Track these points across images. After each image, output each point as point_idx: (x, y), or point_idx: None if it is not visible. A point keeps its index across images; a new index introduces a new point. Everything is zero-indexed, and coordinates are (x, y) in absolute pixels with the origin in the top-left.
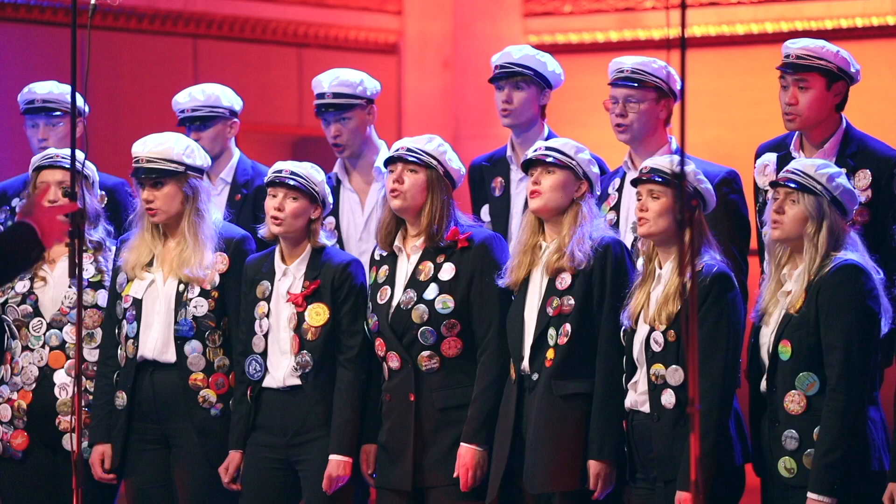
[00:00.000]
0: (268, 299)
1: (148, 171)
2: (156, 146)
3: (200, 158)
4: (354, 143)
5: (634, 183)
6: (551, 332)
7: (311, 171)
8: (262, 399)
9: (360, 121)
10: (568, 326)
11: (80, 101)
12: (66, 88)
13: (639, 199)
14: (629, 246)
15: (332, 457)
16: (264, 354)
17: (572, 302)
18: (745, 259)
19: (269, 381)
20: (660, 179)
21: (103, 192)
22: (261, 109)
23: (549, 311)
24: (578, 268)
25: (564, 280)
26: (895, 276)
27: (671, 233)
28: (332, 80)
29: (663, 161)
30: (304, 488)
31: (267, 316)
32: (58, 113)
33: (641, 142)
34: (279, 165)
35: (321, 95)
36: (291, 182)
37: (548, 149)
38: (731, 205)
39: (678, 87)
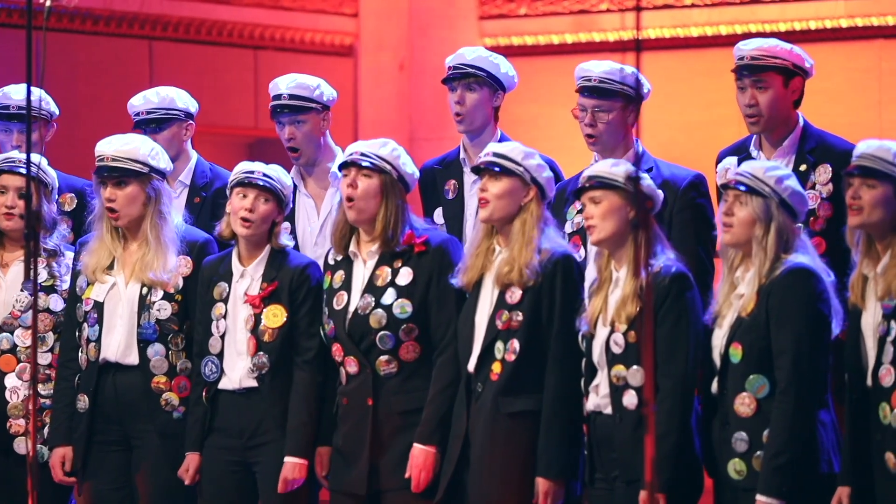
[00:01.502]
0: (225, 300)
1: (112, 170)
2: (122, 145)
3: (164, 162)
4: (309, 149)
5: (576, 194)
6: (499, 345)
7: (281, 174)
8: (218, 400)
9: (314, 125)
10: (516, 343)
11: (52, 104)
12: (43, 94)
13: (583, 208)
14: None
15: (288, 459)
16: (220, 356)
17: (521, 318)
18: (711, 262)
19: (226, 383)
20: (609, 185)
21: (72, 195)
22: (217, 111)
23: (499, 323)
24: (527, 284)
25: (514, 294)
26: (846, 278)
27: (621, 233)
28: (289, 82)
29: (601, 167)
30: (261, 490)
31: (224, 317)
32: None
33: (613, 150)
34: (249, 166)
35: (277, 97)
36: (263, 183)
37: (495, 155)
38: (698, 208)
39: (645, 90)
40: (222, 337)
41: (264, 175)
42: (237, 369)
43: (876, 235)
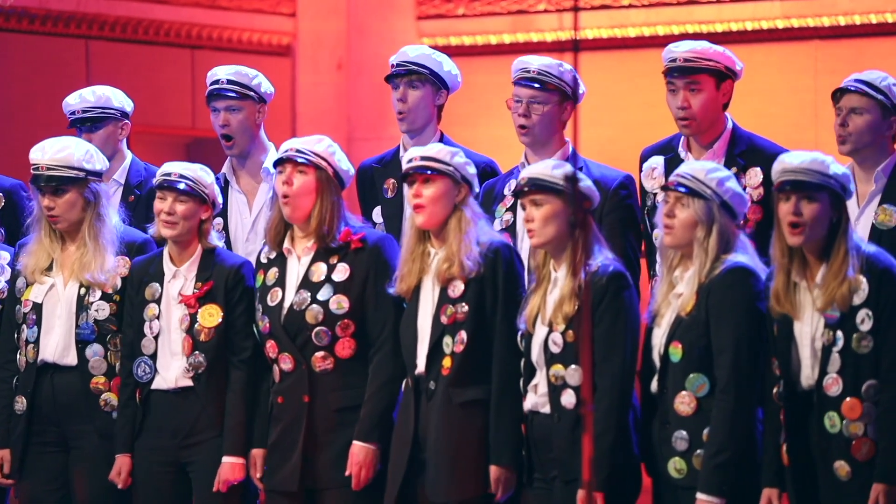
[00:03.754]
0: (157, 301)
1: (48, 179)
2: (56, 153)
3: (100, 162)
4: (242, 139)
5: (516, 195)
6: (447, 340)
7: (200, 174)
8: (150, 401)
9: (249, 115)
10: (463, 334)
11: None
12: None
13: (523, 209)
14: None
15: (226, 458)
16: (154, 356)
17: (466, 309)
18: (639, 263)
19: (159, 383)
20: (547, 188)
21: (0, 195)
22: (154, 111)
23: (444, 319)
24: (469, 276)
25: (457, 287)
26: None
27: (562, 237)
28: (228, 70)
29: (541, 169)
30: (195, 490)
31: (157, 318)
32: None
33: (544, 144)
34: (168, 168)
35: (215, 82)
36: (181, 185)
37: (423, 158)
38: (627, 209)
39: (581, 90)
40: (156, 337)
41: (180, 176)
42: (172, 369)
43: (812, 249)
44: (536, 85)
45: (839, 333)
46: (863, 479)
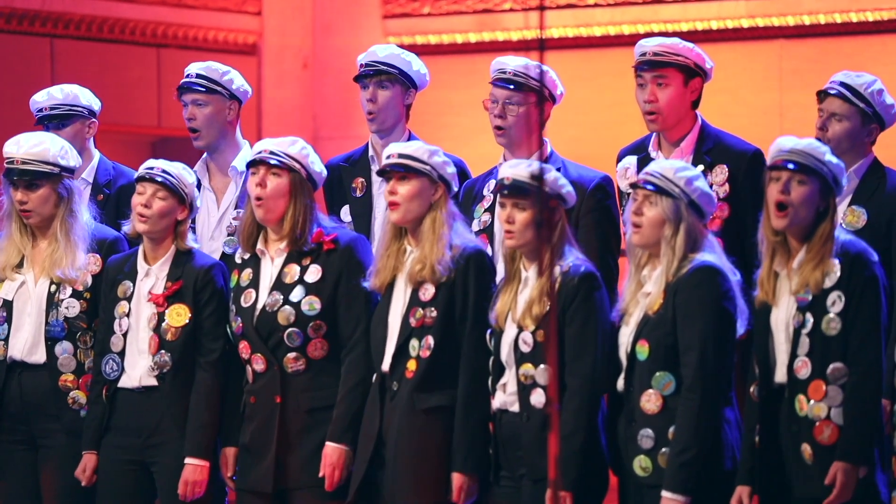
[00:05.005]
0: (129, 299)
1: (22, 173)
2: (31, 147)
3: (74, 159)
4: (209, 133)
5: (497, 193)
6: (413, 342)
7: (182, 172)
8: (117, 399)
9: (217, 110)
10: (430, 339)
11: None
12: None
13: (503, 208)
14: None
15: (188, 460)
16: (122, 354)
17: (435, 314)
18: (617, 266)
19: (126, 381)
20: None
21: None
22: (119, 109)
23: (412, 321)
24: (440, 281)
25: (427, 291)
26: (754, 276)
27: (537, 241)
28: (201, 65)
29: (524, 171)
30: (159, 489)
31: (127, 315)
32: None
33: (520, 145)
34: (151, 163)
35: (187, 76)
36: (160, 179)
37: (400, 156)
38: (605, 210)
39: (558, 91)
40: (125, 335)
41: (163, 171)
42: (138, 367)
43: (795, 233)
44: (512, 86)
45: (808, 316)
46: (824, 462)
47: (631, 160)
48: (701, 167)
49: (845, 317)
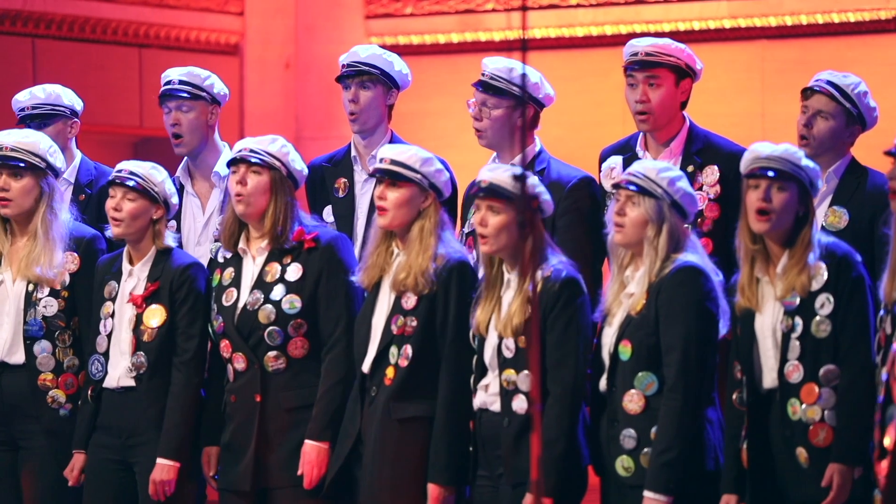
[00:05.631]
0: (113, 299)
1: (9, 159)
2: (22, 137)
3: (60, 162)
4: (193, 138)
5: (472, 196)
6: (393, 350)
7: (150, 172)
8: (102, 399)
9: (200, 114)
10: (409, 349)
11: None
12: None
13: (477, 210)
14: None
15: (159, 461)
16: (106, 354)
17: (415, 323)
18: (595, 268)
19: (108, 382)
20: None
21: None
22: (101, 110)
23: (394, 328)
24: (422, 293)
25: (410, 299)
26: (732, 281)
27: (515, 244)
28: (181, 70)
29: (503, 176)
30: (140, 490)
31: (111, 316)
32: None
33: (502, 147)
34: (120, 165)
35: (168, 83)
36: (129, 182)
37: (392, 162)
38: (580, 211)
39: (542, 94)
40: (109, 336)
41: (130, 173)
42: (118, 368)
43: (776, 239)
44: (487, 89)
45: (798, 319)
46: (821, 465)
47: (616, 160)
48: (691, 167)
49: (835, 318)
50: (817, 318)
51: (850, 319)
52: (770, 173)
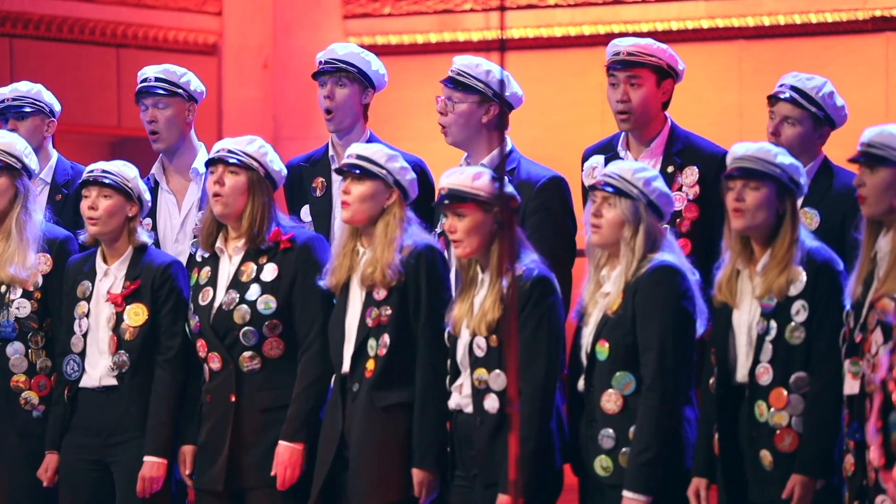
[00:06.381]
0: (88, 299)
1: None
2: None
3: (34, 164)
4: (170, 135)
5: (437, 205)
6: (371, 342)
7: (122, 168)
8: (78, 399)
9: (177, 111)
10: (386, 337)
11: None
12: None
13: (445, 218)
14: None
15: (147, 458)
16: (83, 354)
17: (389, 312)
18: (565, 268)
19: (86, 381)
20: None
21: None
22: (79, 110)
23: (369, 321)
24: (391, 284)
25: (381, 292)
26: (712, 277)
27: (487, 245)
28: (157, 68)
29: (462, 179)
30: (118, 489)
31: (86, 315)
32: None
33: (469, 146)
34: (92, 166)
35: (145, 80)
36: (105, 180)
37: (358, 157)
38: (549, 211)
39: (508, 93)
40: (84, 335)
41: (103, 171)
42: (98, 367)
43: (757, 237)
44: (452, 85)
45: (773, 323)
46: (784, 470)
47: (598, 159)
48: (671, 167)
49: (809, 326)
50: (792, 324)
51: (824, 329)
52: (742, 172)
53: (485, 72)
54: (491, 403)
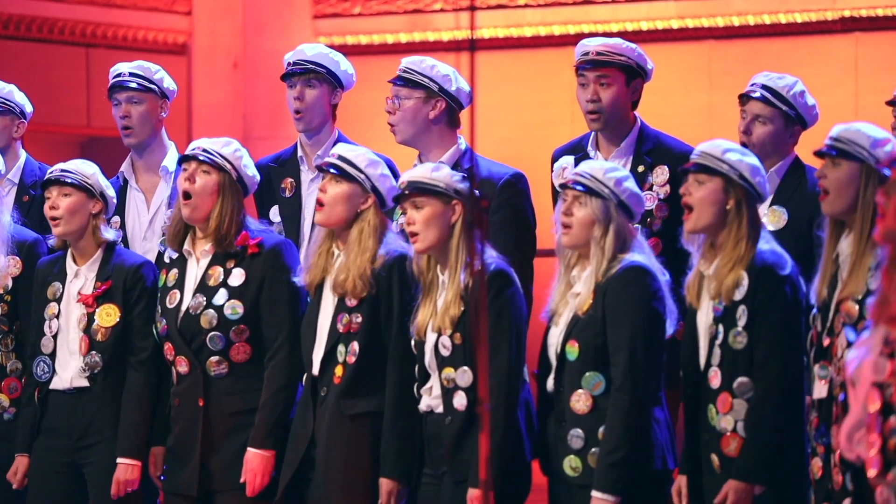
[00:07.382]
0: (58, 300)
1: None
2: None
3: (1, 164)
4: (142, 131)
5: (396, 200)
6: (340, 348)
7: (80, 166)
8: (48, 401)
9: (150, 108)
10: (356, 345)
11: None
12: None
13: (403, 214)
14: None
15: (120, 460)
16: (53, 356)
17: (360, 320)
18: (530, 264)
19: (57, 383)
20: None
21: None
22: (48, 109)
23: (340, 327)
24: (361, 295)
25: (352, 300)
26: (682, 277)
27: (445, 239)
28: (132, 64)
29: (421, 172)
30: (91, 491)
31: (57, 317)
32: None
33: (421, 143)
34: (54, 167)
35: (118, 75)
36: (66, 179)
37: (339, 158)
38: (512, 208)
39: (454, 88)
40: (55, 337)
41: (61, 171)
42: (69, 369)
43: (712, 237)
44: (400, 82)
45: (720, 327)
46: (730, 474)
47: (568, 160)
48: (641, 167)
49: (750, 331)
50: (735, 329)
51: (763, 334)
52: (691, 167)
53: (429, 66)
54: (459, 401)
